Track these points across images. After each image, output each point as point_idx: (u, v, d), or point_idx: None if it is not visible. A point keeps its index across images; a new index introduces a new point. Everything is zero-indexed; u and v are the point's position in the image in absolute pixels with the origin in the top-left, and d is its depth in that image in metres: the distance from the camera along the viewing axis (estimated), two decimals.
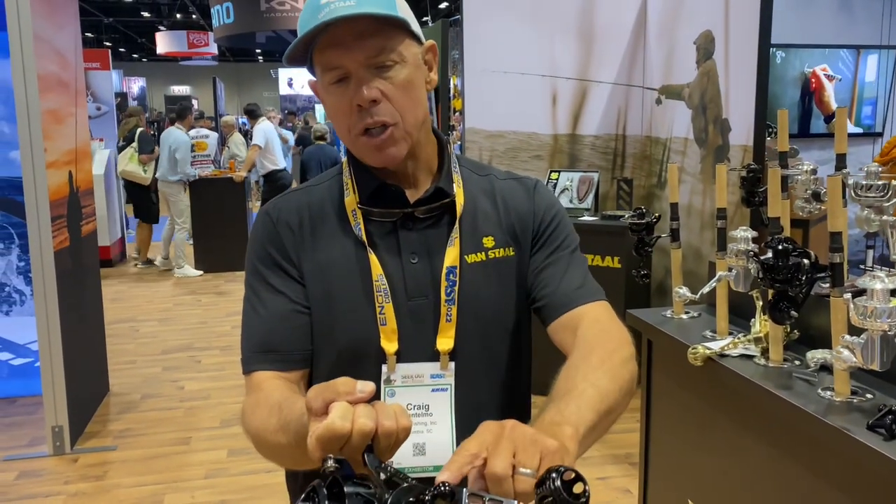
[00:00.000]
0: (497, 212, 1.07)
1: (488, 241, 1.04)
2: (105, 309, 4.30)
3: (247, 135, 10.13)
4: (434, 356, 0.99)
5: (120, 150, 8.04)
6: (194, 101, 20.59)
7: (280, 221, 1.03)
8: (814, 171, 1.94)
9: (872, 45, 4.16)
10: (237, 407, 1.02)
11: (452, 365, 0.99)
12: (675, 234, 2.13)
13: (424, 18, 18.07)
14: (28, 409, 3.92)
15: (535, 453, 0.63)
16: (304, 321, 1.00)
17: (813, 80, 4.31)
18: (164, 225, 7.61)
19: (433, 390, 0.99)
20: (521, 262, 1.06)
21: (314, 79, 1.02)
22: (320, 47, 0.95)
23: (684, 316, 2.16)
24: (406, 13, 0.97)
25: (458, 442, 0.96)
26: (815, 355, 1.62)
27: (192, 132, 8.08)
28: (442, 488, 0.58)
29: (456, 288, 0.99)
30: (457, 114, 8.80)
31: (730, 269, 1.83)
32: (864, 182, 1.59)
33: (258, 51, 25.08)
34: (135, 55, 28.05)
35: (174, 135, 7.19)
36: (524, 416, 1.08)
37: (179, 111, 7.60)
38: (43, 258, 3.25)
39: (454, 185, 1.04)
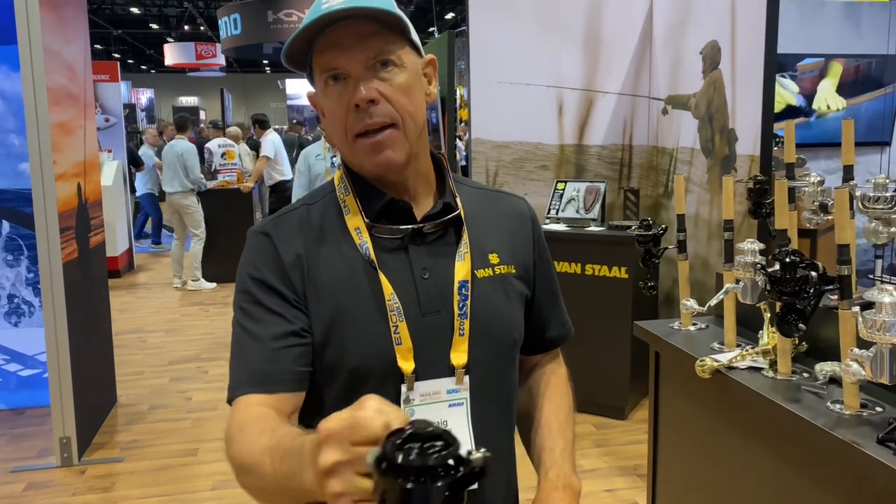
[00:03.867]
0: (498, 228, 1.08)
1: (493, 258, 1.05)
2: (112, 320, 4.31)
3: (253, 146, 10.18)
4: (449, 371, 0.99)
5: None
6: (202, 112, 20.71)
7: (281, 242, 0.99)
8: (821, 183, 1.94)
9: (877, 54, 4.16)
10: None
11: (467, 379, 0.99)
12: (682, 246, 2.12)
13: (431, 29, 18.16)
14: (36, 420, 3.93)
15: None
16: (302, 343, 0.96)
17: None
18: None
19: (450, 406, 0.99)
20: (521, 280, 1.08)
21: (313, 91, 1.02)
22: (320, 49, 0.94)
23: (692, 328, 2.15)
24: (405, 19, 0.97)
25: None
26: (824, 368, 1.62)
27: (219, 141, 8.16)
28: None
29: (468, 302, 0.99)
30: (463, 124, 8.84)
31: (737, 282, 1.83)
32: (871, 194, 1.59)
33: (265, 62, 25.22)
34: (143, 66, 28.25)
35: (181, 145, 7.22)
36: (514, 422, 1.12)
37: (179, 122, 7.62)
38: (52, 270, 3.26)
39: (456, 199, 1.05)
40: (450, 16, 18.67)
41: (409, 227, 1.00)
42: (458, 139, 8.76)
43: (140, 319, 6.15)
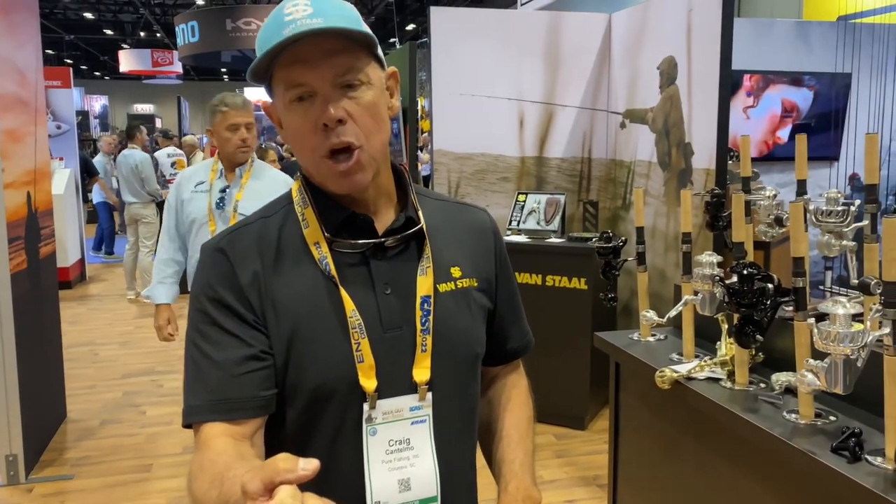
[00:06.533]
0: (460, 242, 1.07)
1: (455, 272, 1.04)
2: (63, 332, 4.19)
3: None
4: (411, 388, 0.97)
5: None
6: (157, 121, 20.35)
7: (238, 260, 0.96)
8: (775, 197, 1.98)
9: (826, 71, 4.30)
10: None
11: (430, 395, 0.98)
12: (641, 258, 2.15)
13: (392, 40, 18.18)
14: None
15: None
16: (262, 367, 0.93)
17: None
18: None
19: (413, 423, 0.97)
20: (483, 293, 1.07)
21: (268, 101, 0.99)
22: (284, 63, 0.91)
23: (651, 339, 2.18)
24: (372, 36, 0.95)
25: (441, 473, 0.98)
26: (780, 378, 1.65)
27: (169, 150, 8.01)
28: None
29: (430, 317, 0.98)
30: (424, 134, 8.86)
31: (696, 293, 1.85)
32: (824, 208, 1.63)
33: (223, 70, 24.93)
34: (97, 73, 27.68)
35: (136, 155, 7.08)
36: (475, 436, 1.11)
37: (128, 131, 7.51)
38: None
39: (418, 212, 1.03)
40: (410, 27, 18.73)
41: (371, 241, 0.98)
42: (419, 150, 8.78)
43: (92, 332, 5.99)
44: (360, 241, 0.98)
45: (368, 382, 0.94)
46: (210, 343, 0.94)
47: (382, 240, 0.99)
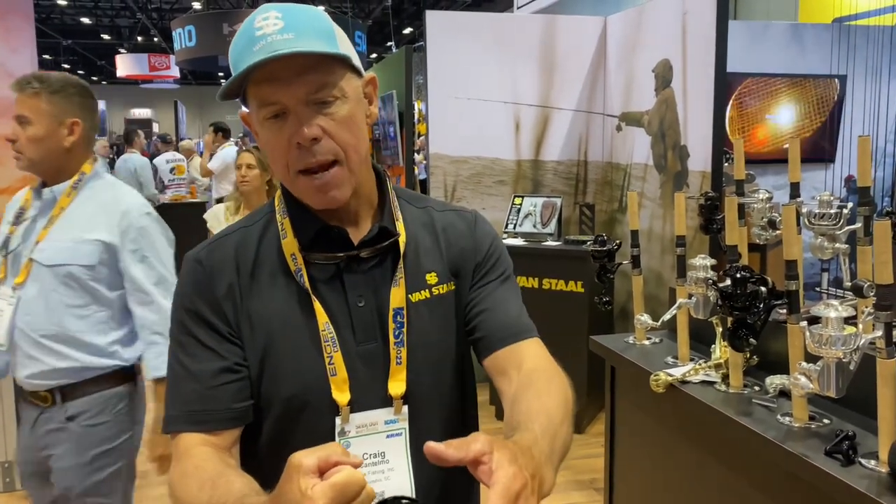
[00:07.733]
0: (438, 246, 1.04)
1: (431, 278, 1.01)
2: None
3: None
4: (386, 401, 0.96)
5: None
6: (155, 125, 20.37)
7: (214, 271, 0.96)
8: (769, 199, 1.98)
9: (821, 74, 4.31)
10: None
11: (405, 409, 0.97)
12: (635, 261, 2.15)
13: (388, 44, 18.21)
14: None
15: None
16: (236, 379, 0.94)
17: None
18: None
19: (388, 436, 0.96)
20: (460, 295, 1.04)
21: (246, 110, 0.98)
22: (256, 81, 0.89)
23: (646, 342, 2.18)
24: (347, 48, 0.93)
25: (417, 487, 0.96)
26: (774, 381, 1.65)
27: (168, 156, 8.02)
28: None
29: (404, 329, 0.97)
30: (421, 138, 8.85)
31: (690, 297, 1.85)
32: (817, 210, 1.63)
33: (220, 74, 24.95)
34: (94, 78, 27.67)
35: (134, 159, 7.07)
36: None
37: (126, 136, 7.50)
38: None
39: (396, 221, 1.01)
40: (408, 31, 18.75)
41: (344, 254, 0.97)
42: (416, 154, 8.77)
43: None
44: (335, 255, 0.97)
45: (341, 396, 0.94)
46: (187, 354, 0.95)
47: (356, 252, 0.97)
